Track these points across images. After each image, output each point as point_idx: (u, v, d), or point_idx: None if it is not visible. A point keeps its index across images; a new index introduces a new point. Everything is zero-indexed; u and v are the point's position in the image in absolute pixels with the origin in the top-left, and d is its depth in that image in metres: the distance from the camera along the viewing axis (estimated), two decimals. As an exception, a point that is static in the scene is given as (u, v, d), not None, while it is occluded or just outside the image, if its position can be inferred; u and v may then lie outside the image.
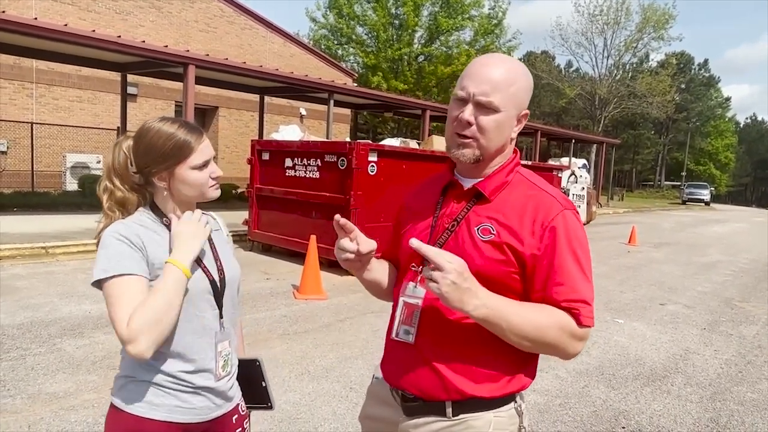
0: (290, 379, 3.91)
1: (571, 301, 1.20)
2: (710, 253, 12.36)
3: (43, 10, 15.29)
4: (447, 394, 1.27)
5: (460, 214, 1.30)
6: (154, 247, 1.34)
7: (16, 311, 5.09)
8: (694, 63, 57.91)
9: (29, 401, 3.33)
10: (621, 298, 7.23)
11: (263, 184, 8.94)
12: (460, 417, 1.27)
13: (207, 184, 1.41)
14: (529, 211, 1.24)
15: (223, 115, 20.57)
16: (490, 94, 1.21)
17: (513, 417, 1.31)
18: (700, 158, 57.43)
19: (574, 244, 1.23)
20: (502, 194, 1.29)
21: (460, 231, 1.28)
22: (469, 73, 1.25)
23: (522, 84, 1.26)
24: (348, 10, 29.84)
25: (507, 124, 1.26)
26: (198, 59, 10.42)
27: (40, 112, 15.87)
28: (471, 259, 1.21)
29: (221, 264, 1.46)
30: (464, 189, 1.32)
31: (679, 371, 4.58)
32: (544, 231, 1.22)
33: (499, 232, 1.24)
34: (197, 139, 1.38)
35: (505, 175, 1.31)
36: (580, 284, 1.22)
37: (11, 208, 11.23)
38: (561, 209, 1.25)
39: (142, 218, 1.40)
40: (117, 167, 1.39)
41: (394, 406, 1.37)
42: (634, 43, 35.96)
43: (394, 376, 1.35)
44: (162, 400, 1.34)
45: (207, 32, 19.92)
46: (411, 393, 1.31)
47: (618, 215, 23.94)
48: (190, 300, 1.35)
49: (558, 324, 1.19)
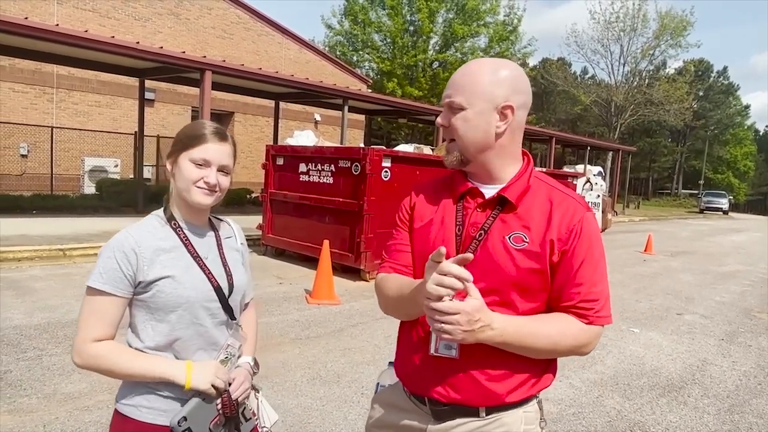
0: (302, 384, 3.91)
1: (587, 300, 1.25)
2: (728, 263, 12.16)
3: (64, 16, 15.60)
4: (484, 401, 1.30)
5: (486, 222, 1.29)
6: (152, 256, 1.34)
7: (34, 312, 5.16)
8: (713, 70, 57.23)
9: (45, 401, 3.37)
10: (637, 307, 7.13)
11: (277, 189, 8.99)
12: (493, 416, 1.31)
13: (196, 182, 1.37)
14: (556, 215, 1.27)
15: (238, 121, 20.76)
16: (453, 95, 1.27)
17: (537, 412, 1.36)
18: (718, 166, 56.60)
19: (593, 245, 1.27)
20: (526, 199, 1.29)
21: (489, 240, 1.27)
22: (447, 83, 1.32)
23: (487, 78, 1.26)
24: (363, 16, 30.02)
25: (478, 119, 1.26)
26: (215, 65, 10.53)
27: (60, 116, 16.17)
28: (505, 268, 1.24)
29: (229, 269, 1.46)
30: (486, 197, 1.31)
31: (696, 382, 4.50)
32: (570, 233, 1.25)
33: (532, 239, 1.25)
34: (213, 138, 1.39)
35: (527, 180, 1.31)
36: (597, 285, 1.26)
37: (31, 210, 11.43)
38: (584, 212, 1.29)
39: (150, 223, 1.41)
40: None
41: (417, 412, 1.37)
42: (650, 50, 35.62)
43: (419, 384, 1.35)
44: (169, 405, 1.35)
45: (224, 38, 20.16)
46: (443, 402, 1.31)
47: (634, 223, 23.68)
48: (188, 308, 1.36)
49: (570, 335, 1.25)
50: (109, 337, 1.33)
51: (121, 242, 1.33)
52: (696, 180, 51.25)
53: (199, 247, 1.42)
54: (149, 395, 1.35)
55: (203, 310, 1.39)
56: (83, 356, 1.31)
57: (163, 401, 1.35)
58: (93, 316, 1.32)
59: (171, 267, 1.35)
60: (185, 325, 1.37)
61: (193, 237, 1.42)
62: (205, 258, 1.42)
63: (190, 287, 1.36)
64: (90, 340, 1.31)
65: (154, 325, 1.36)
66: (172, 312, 1.35)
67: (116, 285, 1.31)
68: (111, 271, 1.31)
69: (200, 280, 1.39)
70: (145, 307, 1.35)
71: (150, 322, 1.36)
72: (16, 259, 7.43)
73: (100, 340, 1.32)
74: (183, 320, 1.36)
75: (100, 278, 1.31)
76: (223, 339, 1.43)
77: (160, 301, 1.34)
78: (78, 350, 1.32)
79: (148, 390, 1.35)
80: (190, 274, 1.38)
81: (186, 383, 1.32)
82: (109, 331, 1.33)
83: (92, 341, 1.31)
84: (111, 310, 1.32)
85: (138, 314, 1.37)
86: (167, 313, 1.35)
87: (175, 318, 1.35)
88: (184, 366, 1.34)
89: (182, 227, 1.42)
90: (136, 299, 1.35)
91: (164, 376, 1.32)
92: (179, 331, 1.36)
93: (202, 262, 1.40)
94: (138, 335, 1.37)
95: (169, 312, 1.35)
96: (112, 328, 1.34)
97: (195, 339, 1.38)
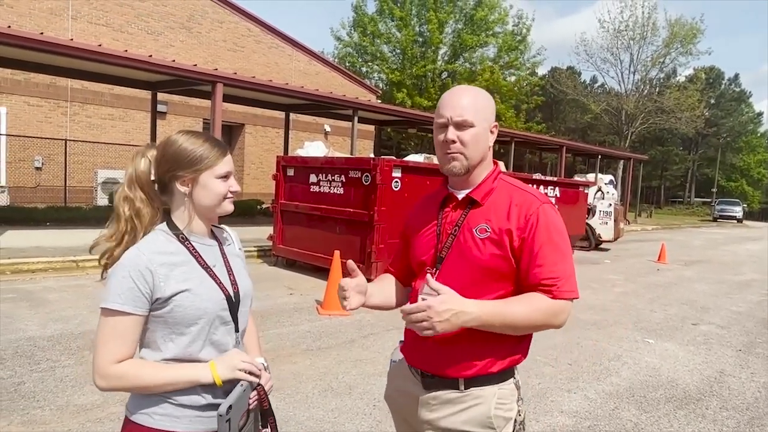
0: (314, 395, 3.89)
1: (549, 278, 1.45)
2: (744, 272, 11.98)
3: (78, 31, 15.87)
4: (459, 371, 1.52)
5: (459, 219, 1.56)
6: (166, 272, 1.34)
7: (47, 323, 5.20)
8: (724, 78, 56.80)
9: (58, 413, 3.38)
10: (651, 317, 7.03)
11: (288, 200, 9.02)
12: (471, 390, 1.53)
13: (225, 195, 1.43)
14: (514, 208, 1.51)
15: (249, 132, 20.91)
16: (464, 114, 1.50)
17: (513, 390, 1.57)
18: (731, 174, 55.98)
19: (551, 230, 1.48)
20: (491, 198, 1.55)
21: (461, 234, 1.54)
22: (444, 104, 1.54)
23: (483, 103, 1.55)
24: (372, 28, 30.22)
25: (482, 135, 1.53)
26: (226, 77, 10.63)
27: (74, 129, 16.38)
28: (474, 255, 1.50)
29: (234, 278, 1.47)
30: (459, 199, 1.58)
31: (714, 394, 4.42)
32: (527, 222, 1.48)
33: (493, 229, 1.50)
34: (224, 150, 1.43)
35: (491, 182, 1.58)
36: (557, 264, 1.46)
37: (45, 222, 11.56)
38: (540, 203, 1.51)
39: (157, 238, 1.39)
40: (139, 174, 1.41)
41: (414, 382, 1.63)
42: (661, 59, 35.42)
43: (414, 358, 1.62)
44: (182, 412, 1.35)
45: (235, 51, 20.37)
46: (430, 373, 1.56)
47: (647, 232, 23.46)
48: (207, 319, 1.37)
49: (540, 310, 1.44)
50: (130, 357, 1.33)
51: (134, 261, 1.32)
52: (709, 188, 50.73)
53: (207, 257, 1.43)
54: (163, 403, 1.35)
55: (218, 319, 1.40)
56: (108, 379, 1.30)
57: (176, 408, 1.35)
58: (113, 338, 1.31)
59: (186, 281, 1.35)
60: (204, 335, 1.38)
61: (201, 248, 1.43)
62: (213, 267, 1.43)
63: (207, 298, 1.37)
64: (112, 362, 1.30)
65: (173, 339, 1.36)
66: (192, 325, 1.35)
67: (135, 304, 1.31)
68: (129, 290, 1.30)
69: (214, 291, 1.40)
70: (163, 322, 1.35)
71: (170, 336, 1.36)
72: (31, 270, 7.50)
73: (122, 360, 1.31)
74: (203, 332, 1.37)
75: (119, 299, 1.30)
76: (232, 343, 1.43)
77: (179, 315, 1.34)
78: (101, 374, 1.30)
79: (160, 398, 1.35)
80: (204, 286, 1.38)
81: (216, 380, 1.34)
82: (131, 351, 1.33)
83: (114, 363, 1.30)
84: (131, 330, 1.32)
85: (156, 330, 1.36)
86: (187, 326, 1.35)
87: (196, 330, 1.36)
88: (207, 366, 1.35)
89: (189, 240, 1.42)
90: (153, 315, 1.34)
91: (192, 380, 1.33)
92: (198, 342, 1.37)
93: (213, 273, 1.41)
94: (156, 349, 1.36)
95: (189, 325, 1.35)
96: (133, 347, 1.34)
97: (209, 347, 1.39)
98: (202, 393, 1.37)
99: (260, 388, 1.41)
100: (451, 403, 1.54)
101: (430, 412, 1.57)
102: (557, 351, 5.26)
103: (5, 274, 7.24)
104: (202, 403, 1.37)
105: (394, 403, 1.74)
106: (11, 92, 15.16)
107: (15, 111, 15.29)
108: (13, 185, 14.76)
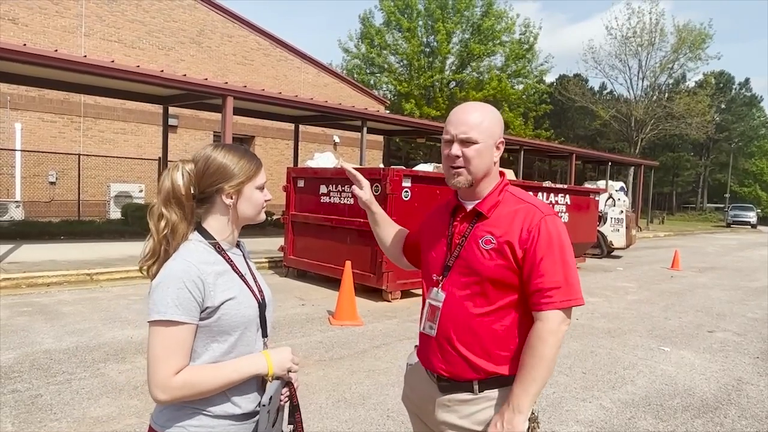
0: (327, 406, 3.88)
1: (548, 288, 1.50)
2: (759, 278, 11.83)
3: (91, 48, 16.15)
4: (473, 374, 1.58)
5: (466, 231, 1.63)
6: (213, 281, 1.36)
7: (63, 336, 5.25)
8: (735, 82, 56.39)
9: (74, 425, 3.40)
10: (666, 324, 6.96)
11: (298, 211, 9.06)
12: (485, 392, 1.59)
13: (263, 205, 1.51)
14: (518, 220, 1.57)
15: (259, 144, 21.08)
16: (468, 132, 1.57)
17: None
18: (744, 179, 55.38)
19: (552, 241, 1.54)
20: (496, 210, 1.62)
21: (468, 244, 1.61)
22: (451, 120, 1.62)
23: (490, 121, 1.60)
24: (380, 40, 30.44)
25: (486, 151, 1.60)
26: (236, 90, 10.75)
27: (87, 144, 16.62)
28: (481, 264, 1.57)
29: (260, 285, 1.51)
30: (467, 210, 1.66)
31: (732, 403, 4.35)
32: (530, 234, 1.54)
33: (498, 240, 1.56)
34: (260, 162, 1.50)
35: (497, 195, 1.64)
36: (558, 274, 1.51)
37: (59, 236, 11.69)
38: (542, 216, 1.57)
39: (197, 249, 1.41)
40: (177, 190, 1.41)
41: (430, 384, 1.69)
42: (669, 64, 35.30)
43: (428, 361, 1.68)
44: (217, 422, 1.37)
45: (244, 65, 20.61)
46: (444, 376, 1.62)
47: (659, 239, 23.25)
48: (248, 325, 1.42)
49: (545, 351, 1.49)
50: (187, 366, 1.34)
51: (187, 272, 1.33)
52: (721, 193, 50.19)
53: (239, 266, 1.48)
54: (198, 415, 1.36)
55: (254, 325, 1.45)
56: (170, 391, 1.30)
57: (211, 419, 1.36)
58: (173, 349, 1.31)
59: (230, 289, 1.39)
60: (244, 342, 1.42)
61: (234, 257, 1.48)
62: (245, 275, 1.48)
63: (247, 305, 1.42)
64: (173, 373, 1.30)
65: (214, 346, 1.38)
66: (235, 331, 1.39)
67: (192, 314, 1.33)
68: (186, 301, 1.31)
69: (251, 298, 1.44)
70: (207, 330, 1.36)
71: (212, 344, 1.38)
72: (46, 284, 7.59)
73: (181, 370, 1.32)
74: (243, 338, 1.41)
75: (178, 310, 1.30)
76: (260, 348, 1.47)
77: (225, 323, 1.37)
78: (163, 387, 1.29)
79: (194, 410, 1.36)
80: (244, 294, 1.43)
81: (269, 371, 1.41)
82: (188, 360, 1.34)
83: (174, 374, 1.30)
84: (189, 339, 1.34)
85: (198, 338, 1.36)
86: (230, 334, 1.39)
87: (237, 336, 1.40)
88: (263, 357, 1.42)
89: (224, 249, 1.46)
90: (199, 324, 1.36)
91: (253, 371, 1.39)
92: (237, 348, 1.40)
93: (246, 280, 1.46)
94: (195, 358, 1.37)
95: (231, 332, 1.39)
96: (189, 356, 1.34)
97: (243, 352, 1.43)
98: (236, 402, 1.39)
99: (291, 385, 1.48)
100: (467, 405, 1.60)
101: (446, 413, 1.63)
102: (571, 359, 5.22)
103: (21, 288, 7.33)
104: (237, 412, 1.39)
105: (411, 404, 1.81)
106: (26, 108, 15.43)
107: (30, 127, 15.55)
108: (27, 200, 14.97)
